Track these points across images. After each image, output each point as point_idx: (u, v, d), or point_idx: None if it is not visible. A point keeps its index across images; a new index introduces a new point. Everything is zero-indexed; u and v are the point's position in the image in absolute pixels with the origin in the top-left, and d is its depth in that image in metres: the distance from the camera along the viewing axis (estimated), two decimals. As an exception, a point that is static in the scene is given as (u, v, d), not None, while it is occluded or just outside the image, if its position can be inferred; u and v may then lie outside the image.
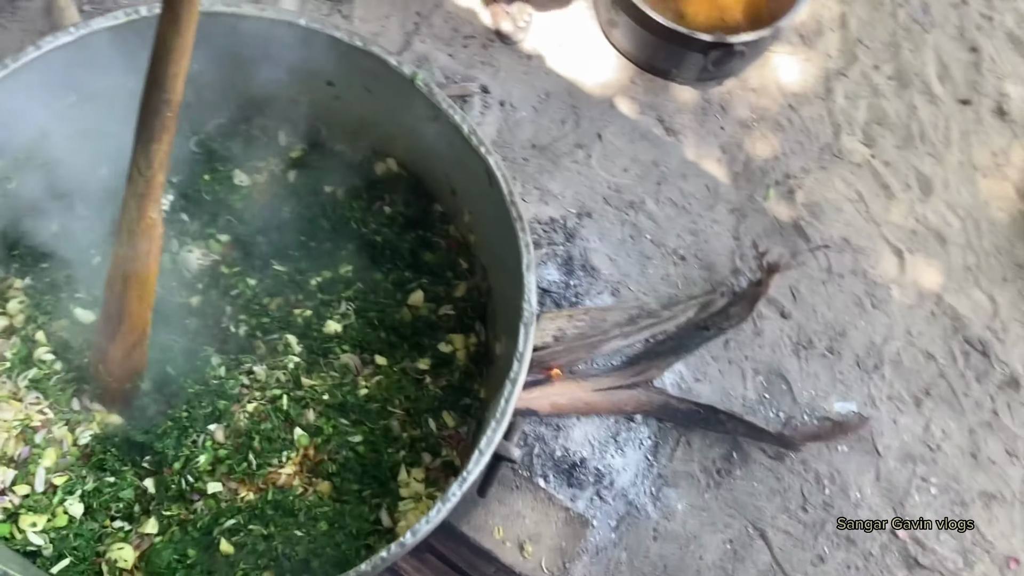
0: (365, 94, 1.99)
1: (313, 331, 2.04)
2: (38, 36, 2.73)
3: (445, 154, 1.97)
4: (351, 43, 1.86)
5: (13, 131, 1.82)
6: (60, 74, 1.79)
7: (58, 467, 1.81)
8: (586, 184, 2.90)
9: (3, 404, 1.81)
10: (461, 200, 2.06)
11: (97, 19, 1.76)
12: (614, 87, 3.04)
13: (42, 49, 1.72)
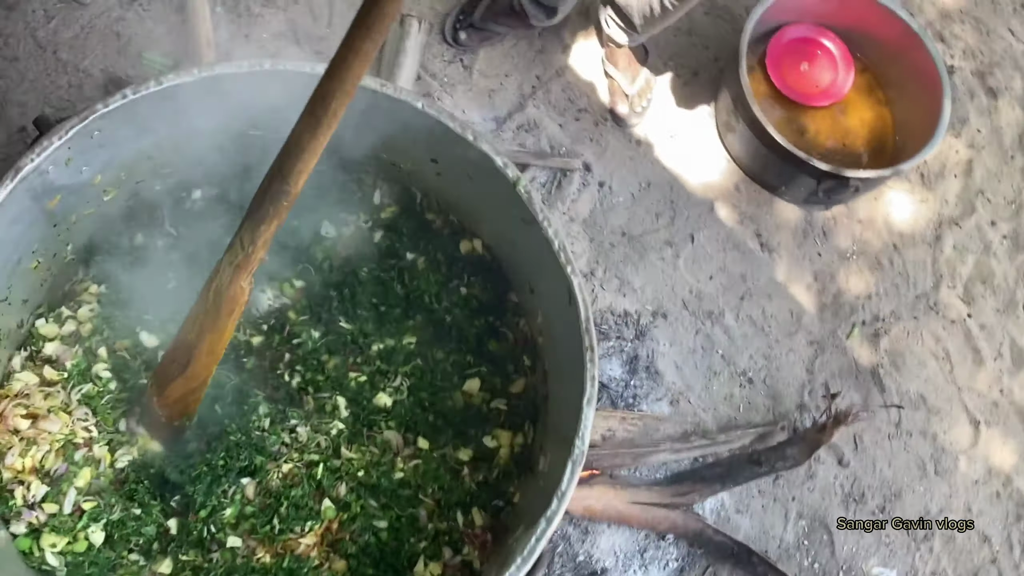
0: (465, 179, 1.97)
1: (364, 399, 2.03)
2: (172, 19, 2.78)
3: (531, 255, 1.94)
4: (462, 134, 1.83)
5: (120, 151, 1.85)
6: (169, 107, 1.80)
7: (90, 489, 1.82)
8: (668, 284, 2.84)
9: (52, 416, 1.83)
10: (537, 301, 2.02)
11: (221, 65, 1.77)
12: (717, 191, 2.97)
13: (162, 85, 1.73)
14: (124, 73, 2.73)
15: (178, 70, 1.74)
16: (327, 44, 2.87)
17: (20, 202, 1.68)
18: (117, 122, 1.74)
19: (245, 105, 1.88)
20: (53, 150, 1.66)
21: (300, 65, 1.80)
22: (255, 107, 1.90)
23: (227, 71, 1.76)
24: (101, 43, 2.75)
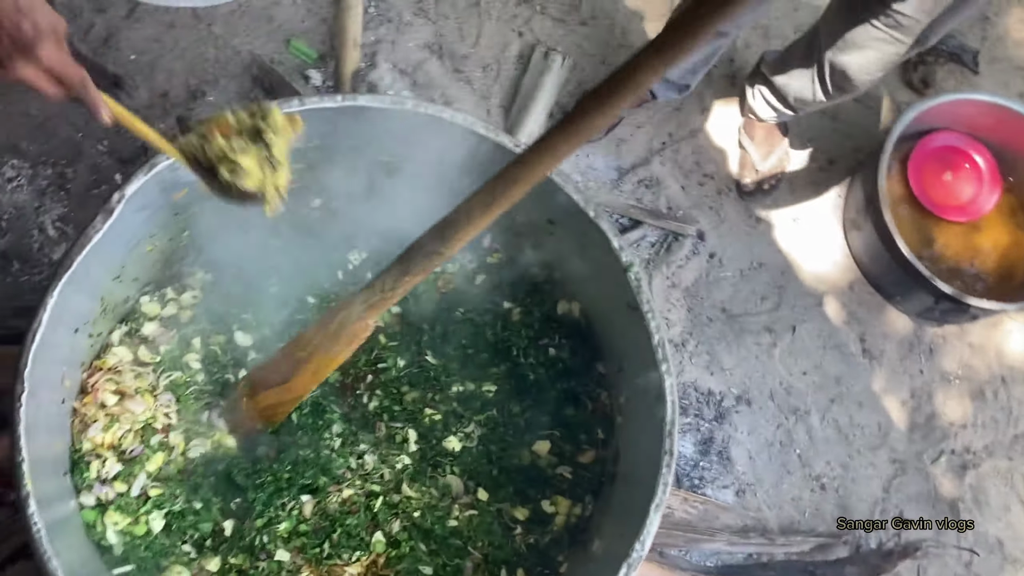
0: (578, 247, 1.95)
1: (434, 438, 2.03)
2: (325, 12, 2.83)
3: (628, 338, 1.91)
4: (583, 208, 1.82)
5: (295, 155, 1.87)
6: (307, 124, 1.82)
7: (159, 475, 1.87)
8: (759, 371, 2.77)
9: (139, 397, 1.89)
10: (624, 382, 1.99)
11: (365, 97, 1.79)
12: (829, 285, 2.88)
13: (305, 106, 1.76)
14: (270, 57, 2.79)
15: (322, 95, 1.76)
16: (468, 64, 2.88)
17: (150, 192, 1.73)
18: (255, 131, 1.76)
19: (380, 133, 1.90)
20: (190, 151, 1.70)
21: (439, 110, 1.81)
22: (390, 136, 1.91)
23: (371, 104, 1.77)
24: (254, 24, 2.82)
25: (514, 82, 2.90)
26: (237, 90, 2.74)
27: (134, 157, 2.63)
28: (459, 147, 1.89)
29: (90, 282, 1.74)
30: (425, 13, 2.90)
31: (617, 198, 2.83)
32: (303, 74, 2.78)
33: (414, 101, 1.79)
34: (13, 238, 2.54)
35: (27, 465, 1.54)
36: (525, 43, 2.93)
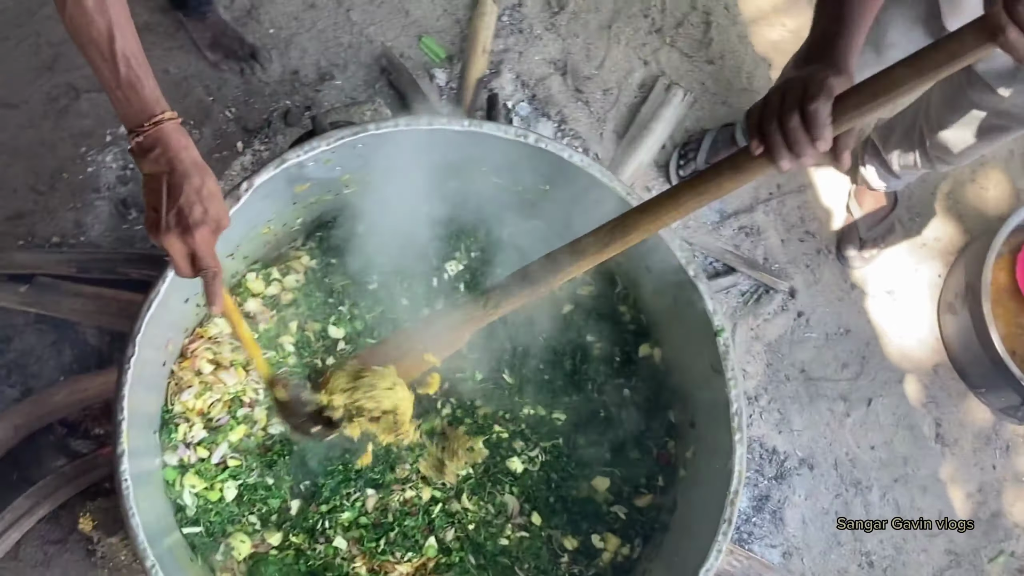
0: (671, 298, 1.97)
1: (499, 455, 2.09)
2: (461, 14, 2.89)
3: (706, 397, 1.93)
4: (684, 267, 1.84)
5: (374, 160, 1.94)
6: (428, 139, 1.88)
7: (239, 446, 1.97)
8: (827, 438, 2.75)
9: (232, 369, 1.99)
10: (694, 437, 2.02)
11: (488, 125, 1.84)
12: (914, 364, 2.84)
13: (431, 126, 1.82)
14: (400, 51, 2.85)
15: (450, 119, 1.81)
16: (589, 85, 2.90)
17: (275, 184, 1.81)
18: (380, 140, 1.83)
19: (497, 156, 1.95)
20: (318, 152, 1.78)
21: (560, 148, 1.85)
22: (506, 160, 1.96)
23: (494, 133, 1.82)
24: (390, 15, 2.89)
25: (631, 110, 2.91)
26: (364, 78, 2.82)
27: (258, 128, 2.73)
28: (573, 183, 1.94)
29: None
30: (556, 29, 2.93)
31: (715, 241, 2.83)
32: (429, 72, 2.85)
33: (536, 136, 1.84)
34: (134, 187, 2.67)
35: (126, 424, 1.64)
36: (649, 73, 2.94)
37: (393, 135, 1.82)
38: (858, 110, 1.24)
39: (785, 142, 1.26)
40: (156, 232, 1.38)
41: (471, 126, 1.82)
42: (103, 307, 2.47)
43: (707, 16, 2.98)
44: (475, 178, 2.09)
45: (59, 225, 2.63)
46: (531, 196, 2.10)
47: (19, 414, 2.39)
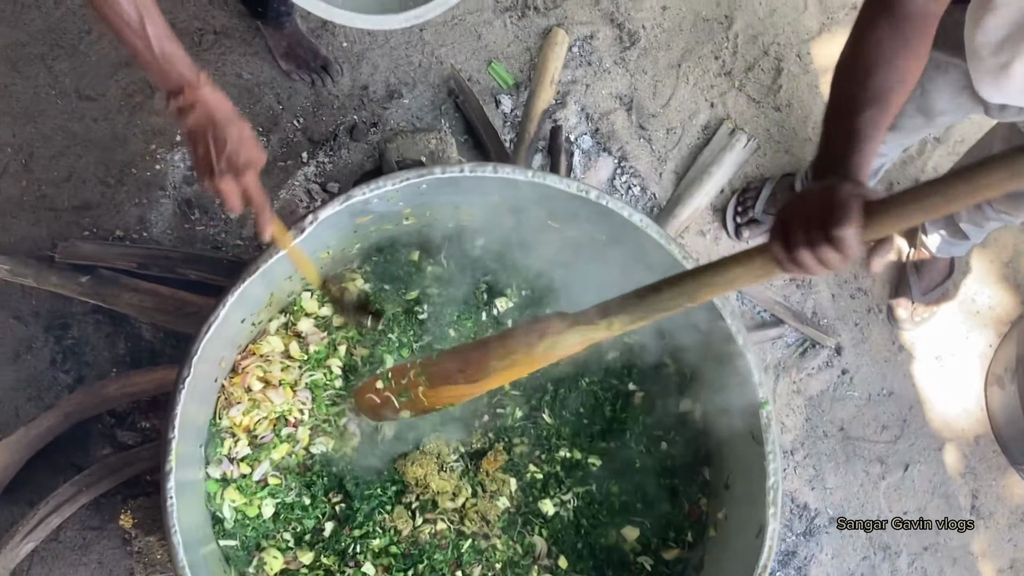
0: (717, 360, 1.98)
1: (531, 495, 2.12)
2: (532, 42, 2.90)
3: (742, 464, 1.94)
4: (734, 335, 1.85)
5: (436, 199, 1.97)
6: (492, 184, 1.90)
7: (280, 465, 2.02)
8: (860, 499, 2.74)
9: (281, 389, 2.03)
10: (727, 498, 2.03)
11: (551, 177, 1.86)
12: (955, 433, 2.81)
13: (497, 173, 1.84)
14: (468, 74, 2.88)
15: (515, 169, 1.83)
16: (653, 123, 2.91)
17: (340, 216, 1.85)
18: (445, 182, 1.86)
19: (557, 204, 1.96)
20: (384, 191, 1.81)
21: (621, 207, 1.86)
22: (566, 209, 1.98)
23: (556, 185, 1.84)
24: (462, 38, 2.91)
25: (693, 151, 2.91)
26: (431, 99, 2.85)
27: (324, 140, 2.78)
28: (630, 238, 1.95)
29: (266, 281, 1.88)
30: (625, 63, 2.94)
31: (765, 291, 2.82)
32: (495, 97, 2.87)
33: (597, 192, 1.85)
34: (199, 188, 2.73)
35: (176, 443, 1.69)
36: (714, 115, 2.94)
37: (457, 179, 1.84)
38: (888, 226, 1.22)
39: (816, 260, 1.26)
40: (211, 177, 1.55)
41: (535, 177, 1.84)
42: (159, 305, 2.54)
43: (779, 62, 2.96)
44: (531, 219, 2.11)
45: (123, 219, 2.70)
46: (586, 243, 2.12)
47: (71, 403, 2.47)
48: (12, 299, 2.64)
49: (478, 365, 1.81)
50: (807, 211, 1.26)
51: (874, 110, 1.37)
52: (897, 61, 1.40)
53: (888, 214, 1.21)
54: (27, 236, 2.67)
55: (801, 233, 1.25)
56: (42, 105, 2.75)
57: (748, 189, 2.83)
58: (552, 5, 2.93)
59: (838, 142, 1.38)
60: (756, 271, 1.37)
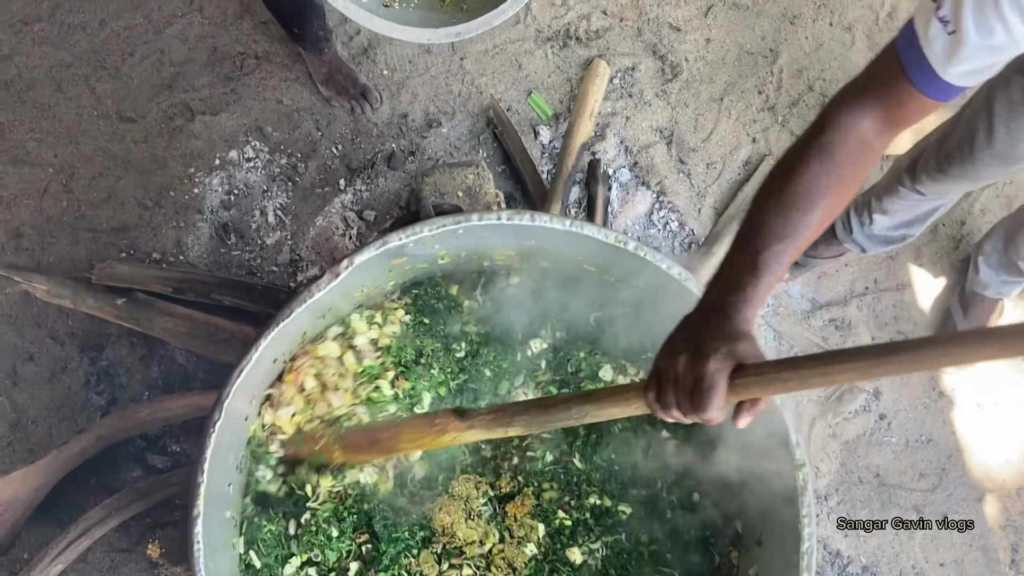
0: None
1: (559, 543, 2.09)
2: (572, 73, 2.88)
3: (776, 521, 1.90)
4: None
5: (472, 242, 1.96)
6: (527, 231, 1.88)
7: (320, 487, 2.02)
8: (895, 548, 2.68)
9: (340, 392, 2.03)
10: (759, 556, 1.99)
11: (589, 227, 1.83)
12: (996, 485, 2.74)
13: (534, 222, 1.82)
14: (508, 104, 2.86)
15: (551, 219, 1.81)
16: (693, 157, 2.87)
17: (376, 260, 1.84)
18: (483, 228, 1.84)
19: (593, 252, 1.94)
20: (420, 236, 1.79)
21: (660, 259, 1.84)
22: (603, 257, 1.96)
23: (590, 234, 1.81)
24: (503, 67, 2.89)
25: (734, 187, 2.87)
26: (470, 128, 2.83)
27: (362, 168, 2.77)
28: (667, 288, 1.92)
29: (297, 324, 1.87)
30: (667, 96, 2.90)
31: (803, 331, 2.78)
32: (534, 129, 2.85)
33: (635, 244, 1.82)
34: (237, 213, 2.74)
35: (204, 488, 1.69)
36: (756, 151, 2.89)
37: (494, 226, 1.82)
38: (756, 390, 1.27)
39: (683, 416, 1.31)
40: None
41: (572, 227, 1.81)
42: (193, 330, 2.54)
43: (823, 98, 2.91)
44: (568, 262, 2.08)
45: (160, 242, 2.72)
46: (622, 288, 2.09)
47: (103, 426, 2.48)
48: (49, 319, 2.67)
49: (387, 444, 1.91)
50: (677, 377, 1.29)
51: (786, 244, 1.33)
52: (825, 202, 1.34)
53: (757, 382, 1.26)
54: (66, 256, 2.70)
55: (672, 397, 1.31)
56: (84, 126, 2.77)
57: None
58: (594, 36, 2.90)
59: (739, 269, 1.35)
60: (633, 410, 1.44)
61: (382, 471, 2.09)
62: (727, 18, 2.94)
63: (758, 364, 1.27)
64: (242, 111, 2.79)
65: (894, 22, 2.91)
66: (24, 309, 2.66)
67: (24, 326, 2.66)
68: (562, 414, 1.53)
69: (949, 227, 2.88)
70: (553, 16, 2.91)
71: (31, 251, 2.70)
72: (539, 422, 1.59)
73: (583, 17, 2.91)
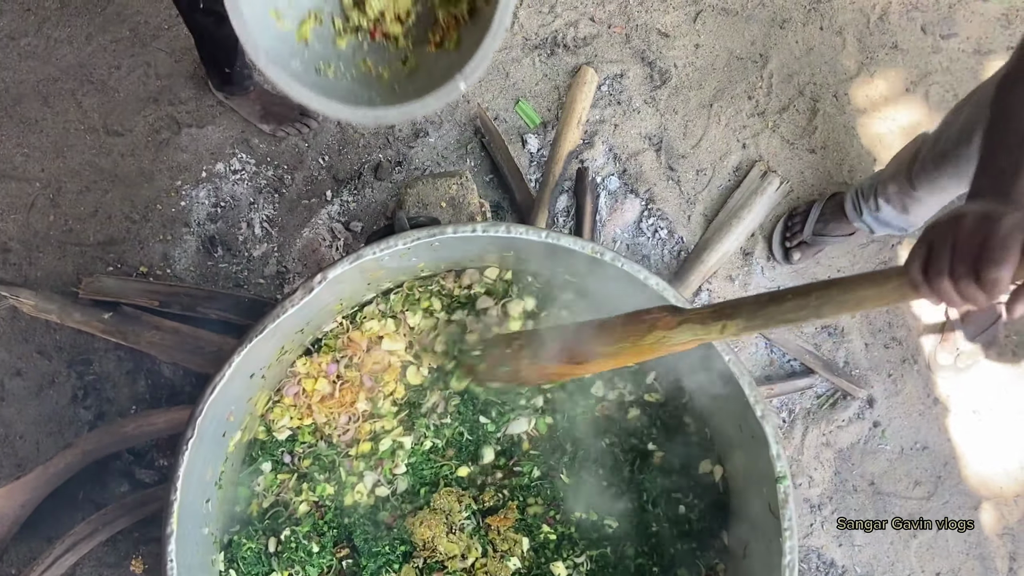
0: (737, 424, 1.92)
1: (543, 557, 2.06)
2: (560, 81, 2.86)
3: (760, 533, 1.87)
4: (752, 405, 1.78)
5: (450, 253, 1.94)
6: (506, 243, 1.86)
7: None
8: (890, 557, 2.65)
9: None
10: (745, 569, 1.96)
11: (567, 239, 1.81)
12: (992, 493, 2.70)
13: (510, 234, 1.80)
14: (495, 113, 2.84)
15: (529, 230, 1.79)
16: (683, 164, 2.84)
17: (350, 273, 1.82)
18: (459, 239, 1.83)
19: (571, 260, 1.92)
20: (395, 250, 1.78)
21: (636, 270, 1.80)
22: (583, 265, 1.93)
23: (567, 245, 1.79)
24: (490, 76, 2.88)
25: (724, 194, 2.84)
26: (457, 137, 2.82)
27: (348, 178, 2.76)
28: (647, 297, 1.90)
29: (276, 336, 1.86)
30: (656, 103, 2.88)
31: (795, 339, 2.75)
32: (522, 137, 2.83)
33: (612, 255, 1.80)
34: (224, 226, 2.73)
35: (178, 505, 1.67)
36: (746, 156, 2.87)
37: (471, 237, 1.81)
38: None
39: (957, 293, 1.12)
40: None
41: (548, 238, 1.79)
42: (179, 343, 2.53)
43: (814, 103, 2.89)
44: (548, 272, 2.07)
45: (148, 255, 2.71)
46: (604, 297, 2.07)
47: (89, 441, 2.47)
48: (36, 333, 2.66)
49: (583, 348, 1.72)
50: (959, 238, 1.12)
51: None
52: None
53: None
54: (53, 271, 2.69)
55: (947, 262, 1.12)
56: (71, 140, 2.77)
57: (794, 214, 2.76)
58: (582, 43, 2.88)
59: (1003, 158, 1.23)
60: (889, 293, 1.23)
61: (359, 483, 2.08)
62: (716, 23, 2.92)
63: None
64: (228, 123, 2.78)
65: (886, 25, 2.88)
66: (11, 324, 2.66)
67: (11, 341, 2.65)
68: (796, 305, 1.30)
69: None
70: (540, 24, 2.89)
71: (18, 266, 2.69)
72: (763, 316, 1.36)
73: (570, 24, 2.89)
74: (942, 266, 1.12)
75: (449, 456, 2.13)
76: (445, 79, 1.31)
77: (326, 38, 1.80)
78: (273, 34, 1.77)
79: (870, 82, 2.89)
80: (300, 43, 1.78)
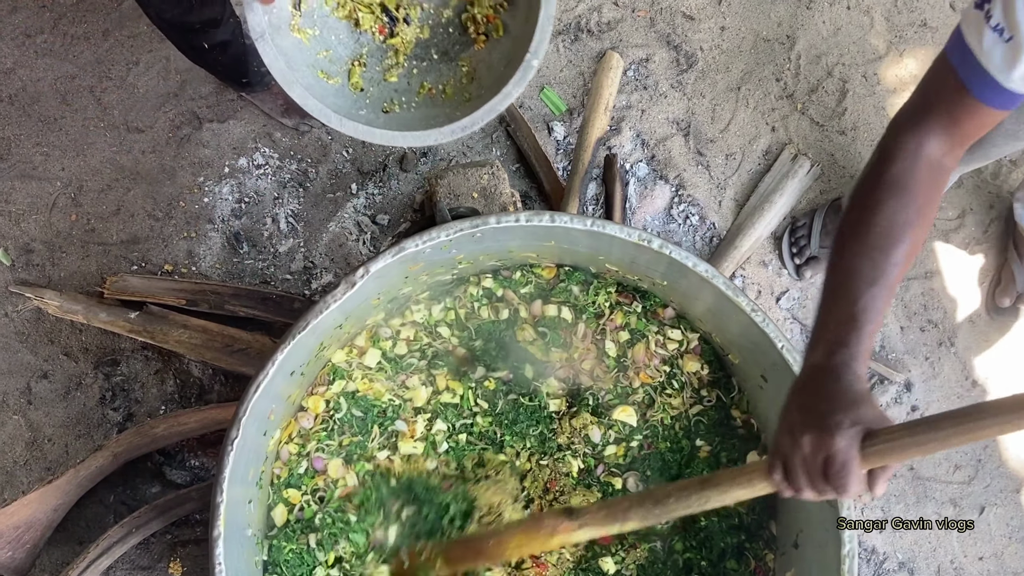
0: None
1: (593, 551, 2.04)
2: (585, 67, 2.82)
3: (816, 525, 1.84)
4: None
5: (491, 245, 1.91)
6: (546, 232, 1.83)
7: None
8: (932, 543, 2.61)
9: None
10: (796, 560, 1.93)
11: (612, 226, 1.77)
12: (1035, 474, 2.67)
13: (554, 223, 1.76)
14: (521, 101, 2.80)
15: (572, 217, 1.75)
16: (712, 149, 2.80)
17: (392, 266, 1.78)
18: (500, 231, 1.79)
19: (613, 249, 1.88)
20: (438, 241, 1.74)
21: (685, 257, 1.77)
22: (626, 254, 1.90)
23: (613, 233, 1.75)
24: (514, 63, 2.82)
25: (754, 178, 2.80)
26: (482, 127, 2.76)
27: (373, 171, 2.72)
28: (693, 286, 1.86)
29: (316, 333, 1.82)
30: (683, 87, 2.83)
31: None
32: (548, 125, 2.79)
33: (660, 242, 1.76)
34: (248, 222, 2.69)
35: (224, 507, 1.64)
36: (776, 140, 2.82)
37: (512, 228, 1.77)
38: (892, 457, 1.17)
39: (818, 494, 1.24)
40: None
41: (594, 226, 1.75)
42: (207, 342, 2.50)
43: (844, 84, 2.84)
44: (588, 260, 2.03)
45: (172, 253, 2.67)
46: (645, 286, 2.03)
47: (120, 443, 2.44)
48: (62, 335, 2.63)
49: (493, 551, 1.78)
50: (806, 462, 1.22)
51: (879, 288, 1.25)
52: (909, 235, 1.28)
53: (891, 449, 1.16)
54: (77, 271, 2.65)
55: (803, 480, 1.24)
56: (91, 138, 2.73)
57: (797, 227, 2.71)
58: (606, 28, 2.84)
59: (837, 323, 1.26)
60: (759, 490, 1.36)
61: None
62: (742, 5, 2.87)
63: (889, 429, 1.17)
64: (250, 117, 2.74)
65: (914, 2, 2.83)
66: (36, 326, 2.62)
67: (37, 343, 2.62)
68: (680, 503, 1.43)
69: (978, 213, 2.80)
70: (564, 9, 2.84)
71: (41, 267, 2.66)
72: (655, 514, 1.49)
73: (594, 9, 2.84)
74: (800, 484, 1.25)
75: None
76: (509, 66, 1.28)
77: (377, 80, 1.81)
78: (330, 92, 1.77)
79: (899, 61, 2.85)
80: (358, 93, 1.80)
